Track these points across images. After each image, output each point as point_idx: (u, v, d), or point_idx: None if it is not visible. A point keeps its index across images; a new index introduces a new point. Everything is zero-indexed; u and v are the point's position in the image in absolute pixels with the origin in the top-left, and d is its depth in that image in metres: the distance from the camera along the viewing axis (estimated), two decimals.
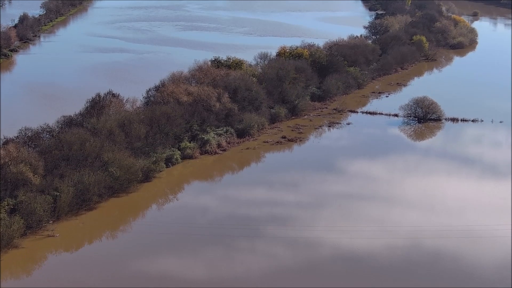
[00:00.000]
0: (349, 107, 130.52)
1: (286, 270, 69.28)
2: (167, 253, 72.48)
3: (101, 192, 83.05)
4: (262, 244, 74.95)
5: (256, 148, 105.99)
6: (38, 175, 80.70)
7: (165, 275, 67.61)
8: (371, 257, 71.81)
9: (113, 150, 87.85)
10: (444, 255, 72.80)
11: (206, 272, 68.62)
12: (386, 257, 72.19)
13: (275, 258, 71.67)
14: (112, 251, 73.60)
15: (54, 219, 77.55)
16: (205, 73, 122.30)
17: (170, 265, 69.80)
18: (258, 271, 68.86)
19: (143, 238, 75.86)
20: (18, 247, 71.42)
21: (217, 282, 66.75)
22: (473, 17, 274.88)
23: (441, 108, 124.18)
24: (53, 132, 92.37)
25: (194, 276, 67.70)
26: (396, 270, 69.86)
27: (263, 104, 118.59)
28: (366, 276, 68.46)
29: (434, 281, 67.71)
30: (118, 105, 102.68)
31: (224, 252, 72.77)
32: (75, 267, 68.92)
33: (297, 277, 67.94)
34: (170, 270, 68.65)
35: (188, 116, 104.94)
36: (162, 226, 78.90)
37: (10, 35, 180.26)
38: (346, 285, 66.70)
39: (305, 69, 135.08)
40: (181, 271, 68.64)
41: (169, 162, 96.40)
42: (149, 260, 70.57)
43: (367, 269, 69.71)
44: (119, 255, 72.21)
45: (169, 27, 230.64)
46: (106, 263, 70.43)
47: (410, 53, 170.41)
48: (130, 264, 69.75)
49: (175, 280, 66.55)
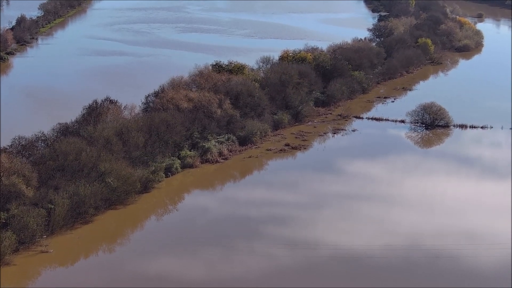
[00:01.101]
0: (354, 113, 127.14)
1: (285, 270, 69.71)
2: (166, 253, 72.51)
3: (97, 204, 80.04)
4: (261, 245, 74.90)
5: (259, 157, 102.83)
6: (31, 187, 77.47)
7: (164, 275, 67.78)
8: (370, 257, 72.23)
9: (110, 160, 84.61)
10: (443, 255, 73.20)
11: (205, 272, 68.94)
12: (385, 257, 72.60)
13: (274, 259, 72.00)
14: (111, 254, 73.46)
15: (48, 233, 74.43)
16: (206, 78, 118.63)
17: (169, 265, 69.98)
18: (257, 272, 69.28)
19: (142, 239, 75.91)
20: (10, 264, 68.53)
21: (216, 282, 67.10)
22: (478, 18, 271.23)
23: (449, 114, 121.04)
24: (48, 141, 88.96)
25: (193, 276, 68.02)
26: (395, 270, 70.27)
27: (265, 110, 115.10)
28: (365, 276, 68.95)
29: (433, 281, 68.19)
30: (115, 112, 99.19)
31: (223, 253, 73.03)
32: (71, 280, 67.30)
33: (297, 277, 68.46)
34: (169, 271, 68.83)
35: (189, 123, 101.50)
36: (161, 227, 79.42)
37: (6, 38, 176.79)
38: (345, 285, 67.01)
39: (308, 73, 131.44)
40: (180, 271, 68.93)
41: (168, 172, 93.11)
42: (148, 260, 70.55)
43: (366, 269, 70.21)
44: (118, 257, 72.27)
45: (169, 29, 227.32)
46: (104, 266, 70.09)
47: (416, 57, 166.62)
48: (129, 264, 69.88)
49: (174, 281, 66.89)
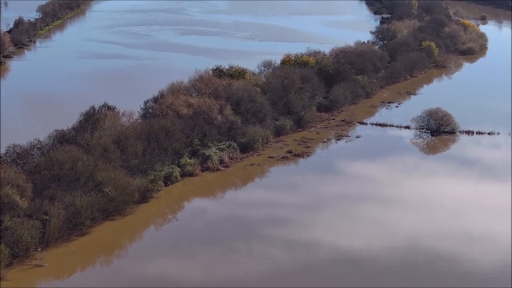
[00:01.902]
0: (358, 118, 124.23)
1: (284, 272, 69.42)
2: (165, 254, 72.35)
3: (94, 215, 77.34)
4: (260, 246, 74.84)
5: (261, 164, 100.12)
6: (26, 198, 74.63)
7: (162, 276, 67.60)
8: (369, 259, 72.18)
9: (108, 169, 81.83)
10: (443, 256, 73.17)
11: (204, 274, 68.75)
12: (385, 258, 72.56)
13: (273, 260, 71.67)
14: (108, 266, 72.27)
15: (43, 246, 71.72)
16: (206, 83, 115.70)
17: (168, 266, 69.82)
18: (255, 273, 68.97)
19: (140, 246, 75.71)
20: (3, 279, 65.71)
21: (214, 284, 66.90)
22: (481, 20, 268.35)
23: (455, 120, 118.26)
24: (43, 149, 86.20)
25: (191, 278, 67.89)
26: (394, 272, 70.06)
27: (267, 116, 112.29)
28: (365, 277, 68.75)
29: (433, 282, 68.06)
30: (113, 118, 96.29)
31: (222, 254, 72.69)
32: None
33: (295, 279, 68.25)
34: (168, 272, 68.66)
35: (189, 130, 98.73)
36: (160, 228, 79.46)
37: (4, 40, 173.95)
38: (344, 287, 66.60)
39: (311, 78, 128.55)
40: (178, 272, 68.69)
41: (168, 180, 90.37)
42: (147, 262, 70.28)
43: (365, 270, 70.03)
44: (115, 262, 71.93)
45: (169, 31, 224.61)
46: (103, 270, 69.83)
47: (420, 60, 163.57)
48: (127, 265, 69.99)
49: (172, 282, 66.73)
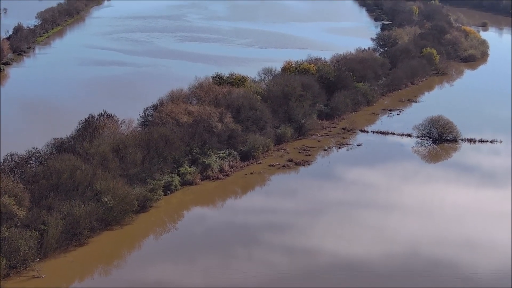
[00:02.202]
0: (359, 126, 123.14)
1: (283, 277, 69.34)
2: (164, 260, 72.23)
3: (93, 225, 76.44)
4: (259, 252, 74.80)
5: (261, 173, 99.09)
6: (23, 208, 73.68)
7: (162, 282, 67.60)
8: (369, 265, 71.92)
9: (107, 178, 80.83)
10: (443, 263, 72.82)
11: (203, 279, 68.54)
12: (384, 264, 72.27)
13: (272, 266, 71.57)
14: None
15: (41, 257, 70.69)
16: (206, 90, 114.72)
17: (167, 272, 69.69)
18: (255, 279, 68.79)
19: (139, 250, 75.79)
20: None
21: None
22: (482, 27, 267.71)
23: (457, 128, 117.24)
24: (41, 157, 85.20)
25: (191, 283, 67.70)
26: (394, 278, 69.78)
27: (268, 124, 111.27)
28: (364, 283, 68.41)
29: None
30: (112, 126, 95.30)
31: (221, 260, 72.59)
32: None
33: (294, 284, 68.06)
34: (167, 277, 68.60)
35: (188, 138, 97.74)
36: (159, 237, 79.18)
37: (3, 47, 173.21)
38: None
39: (312, 85, 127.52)
40: (178, 278, 68.64)
41: (167, 189, 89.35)
42: (146, 267, 70.05)
43: (365, 276, 69.79)
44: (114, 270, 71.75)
45: (168, 38, 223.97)
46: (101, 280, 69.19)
47: (421, 67, 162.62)
48: (126, 275, 69.44)
49: None
